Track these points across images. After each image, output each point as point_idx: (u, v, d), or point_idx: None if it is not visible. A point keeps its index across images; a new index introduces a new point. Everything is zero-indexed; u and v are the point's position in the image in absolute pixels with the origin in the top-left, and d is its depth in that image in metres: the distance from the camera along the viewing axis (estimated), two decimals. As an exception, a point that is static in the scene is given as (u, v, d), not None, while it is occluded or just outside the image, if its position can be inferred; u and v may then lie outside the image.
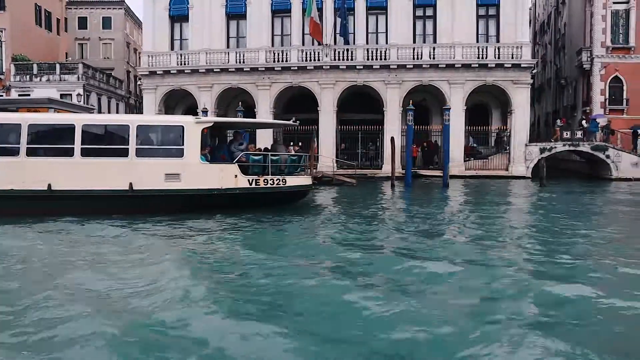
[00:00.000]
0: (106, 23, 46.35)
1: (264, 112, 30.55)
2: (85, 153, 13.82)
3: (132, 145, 13.92)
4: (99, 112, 40.75)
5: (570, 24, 36.54)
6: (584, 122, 31.63)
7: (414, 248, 9.51)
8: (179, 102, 34.07)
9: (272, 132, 29.46)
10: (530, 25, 54.33)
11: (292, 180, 15.40)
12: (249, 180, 14.60)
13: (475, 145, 31.59)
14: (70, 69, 38.41)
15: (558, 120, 33.50)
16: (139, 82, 37.57)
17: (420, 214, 14.77)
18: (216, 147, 16.18)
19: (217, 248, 9.46)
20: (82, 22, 46.03)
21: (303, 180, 15.90)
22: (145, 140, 14.50)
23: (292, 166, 15.76)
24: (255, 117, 30.75)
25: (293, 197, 15.75)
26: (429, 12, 30.12)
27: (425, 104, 31.68)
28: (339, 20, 28.87)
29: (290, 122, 16.40)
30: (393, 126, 29.36)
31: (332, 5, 29.76)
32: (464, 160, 29.33)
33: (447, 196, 20.16)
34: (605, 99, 31.19)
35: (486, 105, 32.43)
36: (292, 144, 18.46)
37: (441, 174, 28.95)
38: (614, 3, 31.03)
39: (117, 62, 46.17)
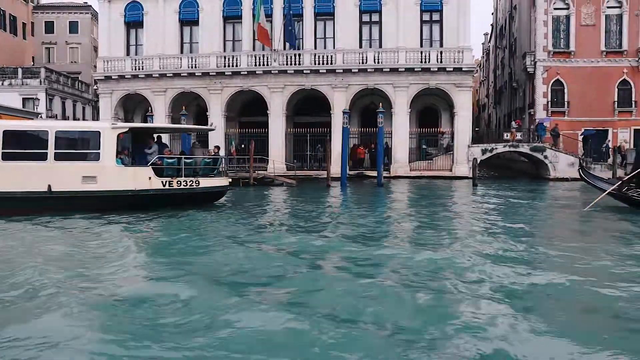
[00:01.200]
0: (73, 27, 46.97)
1: (216, 116, 31.33)
2: (6, 157, 14.61)
3: (51, 150, 14.71)
4: (63, 116, 41.43)
5: (520, 29, 37.60)
6: (513, 123, 32.66)
7: (250, 240, 10.51)
8: (137, 106, 34.80)
9: (193, 135, 30.19)
10: (492, 30, 55.58)
11: (206, 182, 16.26)
12: (162, 181, 15.45)
13: (425, 146, 32.53)
14: (33, 73, 39.03)
15: (513, 122, 34.54)
16: (94, 87, 38.22)
17: (311, 212, 15.73)
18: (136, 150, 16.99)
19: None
20: (49, 27, 46.63)
21: (218, 181, 16.77)
22: (63, 145, 15.30)
23: (206, 168, 16.62)
24: (207, 121, 31.62)
25: (208, 198, 16.56)
26: (375, 17, 31.05)
27: (374, 107, 32.53)
28: (284, 26, 29.72)
29: (208, 127, 17.23)
30: (340, 129, 30.12)
31: (281, 12, 30.59)
32: (410, 161, 30.27)
33: (370, 196, 21.03)
34: (548, 102, 32.20)
35: (436, 108, 33.39)
36: (215, 146, 19.22)
37: (387, 174, 30.09)
38: (555, 9, 32.07)
39: (84, 66, 46.79)
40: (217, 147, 18.74)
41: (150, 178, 15.30)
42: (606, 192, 15.63)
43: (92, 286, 6.89)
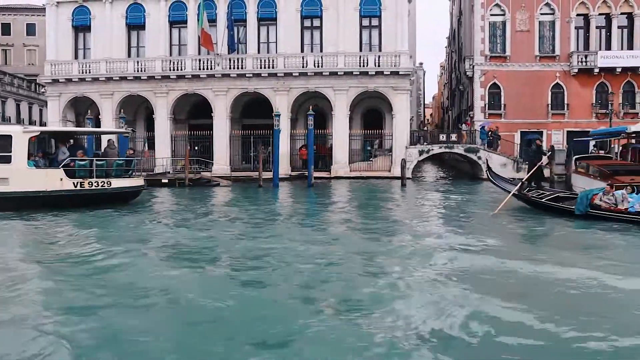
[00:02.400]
0: (30, 29, 47.22)
1: (163, 118, 32.04)
2: None
3: (-37, 153, 15.39)
4: (18, 118, 41.74)
5: (465, 34, 38.77)
6: (463, 125, 33.80)
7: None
8: (90, 108, 35.18)
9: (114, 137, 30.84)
10: (449, 33, 56.84)
11: (118, 182, 16.99)
12: (74, 182, 16.19)
13: (369, 148, 33.48)
14: (-15, 76, 39.32)
15: (463, 125, 35.70)
16: (42, 90, 38.60)
17: (203, 209, 16.69)
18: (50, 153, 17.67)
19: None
20: (6, 29, 46.83)
21: (132, 182, 17.50)
22: (-24, 148, 15.96)
23: (119, 169, 17.34)
24: (150, 123, 32.35)
25: (121, 197, 17.26)
26: (316, 23, 31.93)
27: (318, 109, 33.44)
28: (226, 31, 30.49)
29: (124, 130, 17.95)
30: (282, 130, 30.90)
31: (225, 17, 31.30)
32: (354, 162, 31.23)
33: (288, 196, 21.83)
34: (485, 104, 33.32)
35: (380, 110, 34.33)
36: (129, 148, 19.96)
37: (327, 175, 31.00)
38: (492, 15, 33.21)
39: (41, 69, 46.86)
40: (132, 149, 19.39)
41: (61, 179, 16.04)
42: (510, 194, 16.35)
43: None
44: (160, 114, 32.04)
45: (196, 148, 32.91)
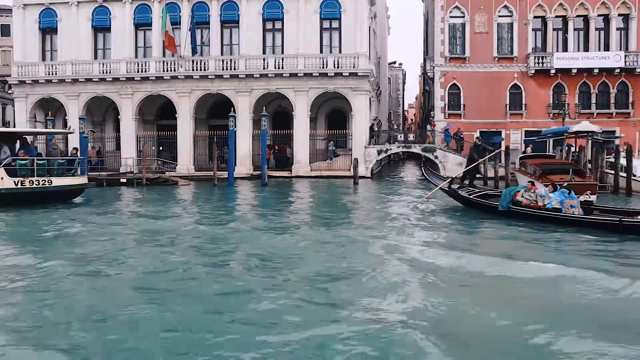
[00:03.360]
0: (5, 30, 47.62)
1: (128, 119, 32.59)
2: None
3: None
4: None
5: (430, 36, 39.46)
6: (428, 126, 34.49)
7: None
8: (59, 109, 35.73)
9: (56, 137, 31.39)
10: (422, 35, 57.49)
11: (60, 181, 17.60)
12: (14, 181, 16.79)
13: (333, 148, 34.13)
14: (-43, 77, 39.72)
15: (428, 125, 36.44)
16: (9, 91, 39.09)
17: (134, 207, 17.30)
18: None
19: None
20: (-19, 30, 47.25)
21: (73, 180, 18.11)
22: None
23: (61, 169, 17.94)
24: (119, 124, 32.91)
25: (63, 196, 17.85)
26: (278, 25, 32.56)
27: (282, 110, 34.16)
28: (189, 33, 31.11)
29: (67, 130, 18.53)
30: (244, 131, 31.65)
31: (188, 20, 31.90)
32: (316, 161, 31.92)
33: (210, 196, 22.36)
34: (445, 105, 34.04)
35: (344, 111, 35.00)
36: (73, 148, 20.53)
37: (288, 174, 31.64)
38: (451, 17, 33.94)
39: (15, 70, 47.32)
40: (76, 149, 19.96)
41: (2, 178, 16.62)
42: (438, 187, 17.07)
43: None
44: (126, 115, 32.60)
45: (161, 148, 33.56)
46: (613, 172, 22.04)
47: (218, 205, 18.63)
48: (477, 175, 20.73)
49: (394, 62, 71.65)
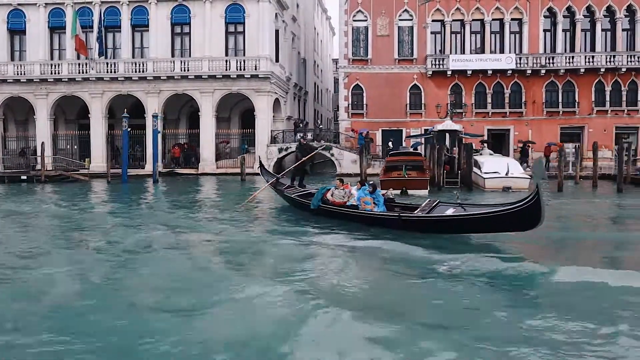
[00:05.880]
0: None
1: (43, 119, 34.08)
2: None
3: None
4: None
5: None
6: (352, 132, 36.12)
7: None
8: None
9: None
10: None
11: None
12: None
13: (246, 146, 35.83)
14: None
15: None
16: None
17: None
18: None
19: None
20: None
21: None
22: None
23: None
24: (35, 124, 34.39)
25: None
26: (186, 29, 34.16)
27: (195, 110, 35.79)
28: (99, 37, 32.67)
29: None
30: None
31: (100, 24, 33.39)
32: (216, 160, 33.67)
33: (98, 192, 23.99)
34: (349, 104, 35.86)
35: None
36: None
37: (195, 172, 33.36)
38: (354, 20, 35.68)
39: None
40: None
41: None
42: (263, 187, 18.43)
43: None
44: (41, 115, 34.09)
45: (75, 147, 35.16)
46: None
47: (76, 201, 20.16)
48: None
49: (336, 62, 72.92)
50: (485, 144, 28.23)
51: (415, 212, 12.19)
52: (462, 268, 8.44)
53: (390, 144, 29.27)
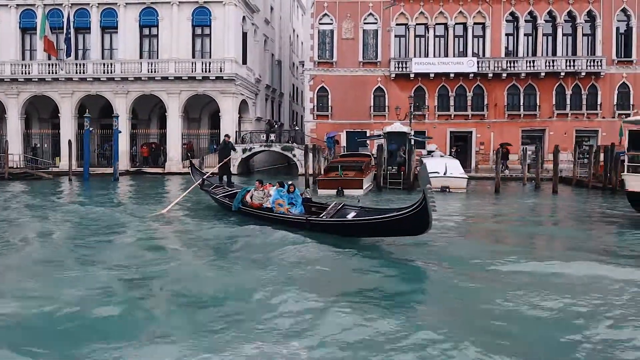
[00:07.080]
0: None
1: (14, 118, 34.92)
2: None
3: None
4: None
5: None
6: (294, 125, 36.94)
7: None
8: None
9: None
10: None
11: None
12: None
13: (215, 146, 36.62)
14: None
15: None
16: None
17: None
18: None
19: None
20: None
21: None
22: None
23: None
24: (6, 123, 35.21)
25: None
26: (154, 31, 34.96)
27: (165, 111, 36.62)
28: (67, 38, 33.50)
29: None
30: (123, 130, 34.04)
31: (70, 25, 34.18)
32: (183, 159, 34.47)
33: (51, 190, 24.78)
34: (314, 106, 36.62)
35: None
36: None
37: (162, 171, 34.17)
38: (321, 23, 36.42)
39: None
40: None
41: None
42: (190, 189, 18.28)
43: None
44: (12, 114, 34.92)
45: (45, 145, 36.02)
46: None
47: (20, 200, 20.95)
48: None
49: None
50: (437, 147, 29.01)
51: (322, 215, 12.80)
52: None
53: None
